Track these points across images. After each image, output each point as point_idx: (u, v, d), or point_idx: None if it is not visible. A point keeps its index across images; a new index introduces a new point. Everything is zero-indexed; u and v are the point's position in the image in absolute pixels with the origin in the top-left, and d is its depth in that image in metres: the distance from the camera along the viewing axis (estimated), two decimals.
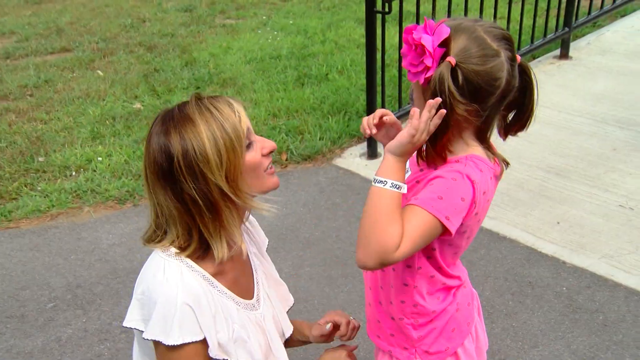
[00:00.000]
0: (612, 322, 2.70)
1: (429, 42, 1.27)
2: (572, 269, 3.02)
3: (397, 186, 1.33)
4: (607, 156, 3.90)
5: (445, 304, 1.56)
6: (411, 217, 1.32)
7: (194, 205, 1.35)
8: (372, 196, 1.34)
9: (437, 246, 1.45)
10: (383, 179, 1.33)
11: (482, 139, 1.44)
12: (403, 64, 1.35)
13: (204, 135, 1.32)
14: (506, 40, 1.35)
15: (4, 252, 3.41)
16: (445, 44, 1.28)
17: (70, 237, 3.52)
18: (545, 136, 4.17)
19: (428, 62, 1.28)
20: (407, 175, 1.50)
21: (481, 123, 1.39)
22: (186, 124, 1.33)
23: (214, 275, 1.44)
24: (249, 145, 1.39)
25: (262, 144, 1.43)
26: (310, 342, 1.82)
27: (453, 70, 1.29)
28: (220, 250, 1.39)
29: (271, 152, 1.45)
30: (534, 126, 1.53)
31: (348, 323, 1.75)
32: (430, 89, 1.29)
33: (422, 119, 1.31)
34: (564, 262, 3.06)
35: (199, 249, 1.40)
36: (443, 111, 1.30)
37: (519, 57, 1.40)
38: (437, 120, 1.32)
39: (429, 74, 1.29)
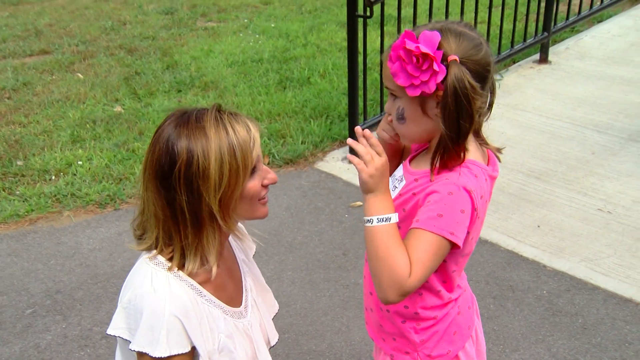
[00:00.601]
0: (591, 325, 2.73)
1: (429, 49, 1.29)
2: (552, 272, 3.05)
3: (385, 219, 1.35)
4: (586, 160, 3.95)
5: (447, 309, 1.57)
6: (417, 242, 1.34)
7: (181, 214, 1.34)
8: (366, 236, 1.37)
9: (447, 258, 1.45)
10: (369, 218, 1.36)
11: (478, 131, 1.46)
12: (398, 82, 1.34)
13: (212, 154, 1.30)
14: (475, 29, 1.40)
15: None
16: (440, 46, 1.31)
17: (49, 242, 3.48)
18: (526, 140, 4.21)
19: (436, 67, 1.29)
20: (401, 185, 1.50)
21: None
22: (199, 136, 1.31)
23: (202, 282, 1.43)
24: (252, 172, 1.38)
25: (265, 175, 1.42)
26: None
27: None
28: (192, 265, 1.38)
29: (271, 183, 1.44)
30: (514, 130, 1.55)
31: None
32: (449, 91, 1.30)
33: (361, 152, 1.35)
34: (544, 265, 3.09)
35: (182, 256, 1.39)
36: (366, 133, 1.36)
37: None
38: (375, 140, 1.36)
39: (439, 79, 1.30)
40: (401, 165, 1.57)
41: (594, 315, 2.78)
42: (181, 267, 1.40)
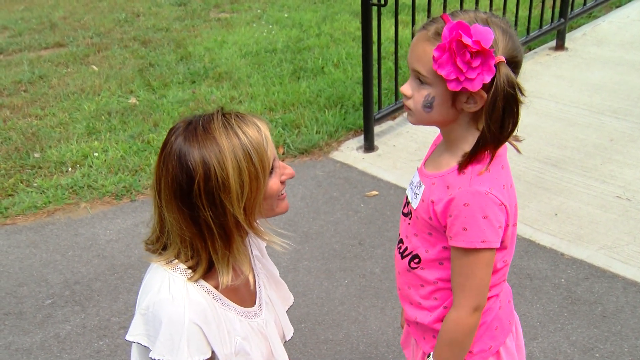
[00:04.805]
0: (611, 313, 2.70)
1: (486, 44, 1.23)
2: (571, 260, 3.02)
3: None
4: (604, 147, 3.90)
5: (489, 304, 1.54)
6: (457, 266, 1.41)
7: (207, 230, 1.31)
8: None
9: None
10: None
11: None
12: (441, 72, 1.27)
13: (229, 163, 1.26)
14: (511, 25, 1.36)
15: (1, 249, 3.40)
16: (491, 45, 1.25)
17: (67, 234, 3.50)
18: (542, 127, 4.17)
19: (492, 63, 1.24)
20: (422, 190, 1.46)
21: None
22: (210, 146, 1.26)
23: (216, 286, 1.41)
24: (271, 171, 1.35)
25: (282, 171, 1.40)
26: None
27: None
28: (226, 277, 1.36)
29: (289, 178, 1.42)
30: (530, 117, 1.52)
31: None
32: (500, 93, 1.26)
33: None
34: (562, 253, 3.06)
35: (208, 268, 1.38)
36: None
37: None
38: None
39: (487, 80, 1.25)
40: (417, 171, 1.53)
41: (614, 303, 2.76)
42: (206, 278, 1.38)
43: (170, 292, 1.32)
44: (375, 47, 3.94)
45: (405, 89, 1.39)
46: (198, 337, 1.31)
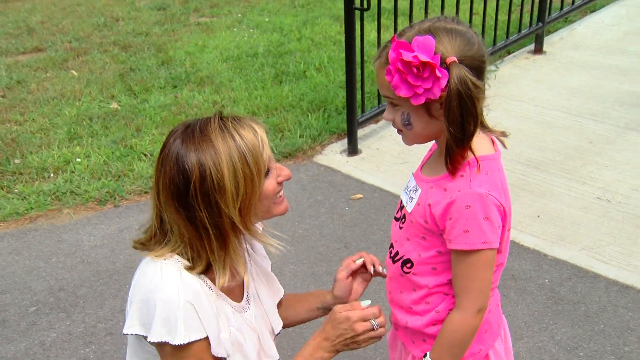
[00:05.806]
0: (594, 313, 2.75)
1: (427, 55, 1.26)
2: (554, 261, 3.07)
3: None
4: (583, 149, 3.97)
5: None
6: (458, 269, 1.41)
7: (204, 230, 1.33)
8: None
9: None
10: None
11: (482, 121, 1.44)
12: (400, 94, 1.30)
13: (224, 165, 1.29)
14: (462, 22, 1.37)
15: None
16: (436, 50, 1.27)
17: (50, 240, 3.47)
18: (522, 130, 4.22)
19: (439, 73, 1.26)
20: (418, 194, 1.47)
21: None
22: (207, 148, 1.29)
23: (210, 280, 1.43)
24: (267, 173, 1.37)
25: (279, 172, 1.42)
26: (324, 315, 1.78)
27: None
28: (223, 278, 1.38)
29: (285, 180, 1.44)
30: (510, 120, 1.55)
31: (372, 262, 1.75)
32: (453, 95, 1.27)
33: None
34: (545, 254, 3.11)
35: (206, 268, 1.40)
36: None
37: None
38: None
39: (442, 84, 1.27)
40: (412, 176, 1.55)
41: (596, 303, 2.80)
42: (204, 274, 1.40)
43: (162, 278, 1.33)
44: (357, 51, 3.96)
45: (386, 114, 1.44)
46: (194, 316, 1.32)
